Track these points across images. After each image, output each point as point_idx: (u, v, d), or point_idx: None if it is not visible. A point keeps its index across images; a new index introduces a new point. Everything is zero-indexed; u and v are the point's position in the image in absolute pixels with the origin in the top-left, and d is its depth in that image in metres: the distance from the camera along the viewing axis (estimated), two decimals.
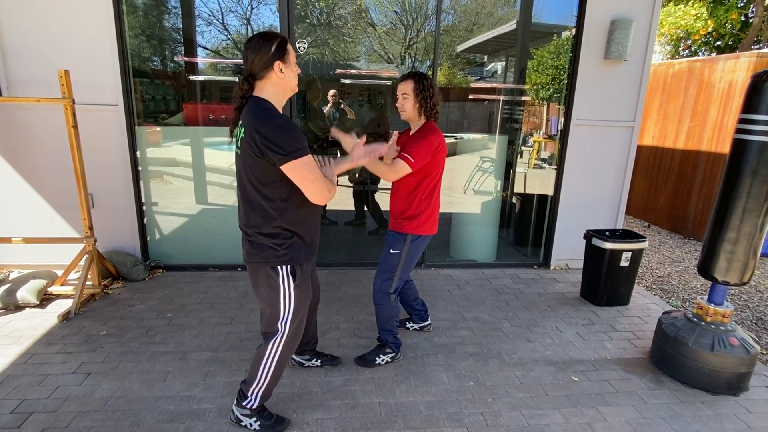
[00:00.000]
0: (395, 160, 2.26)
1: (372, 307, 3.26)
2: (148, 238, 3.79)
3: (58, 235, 3.55)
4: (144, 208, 3.70)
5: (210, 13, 3.95)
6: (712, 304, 2.49)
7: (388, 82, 4.42)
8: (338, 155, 4.80)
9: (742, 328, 2.57)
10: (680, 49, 11.39)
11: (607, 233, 3.43)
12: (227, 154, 4.03)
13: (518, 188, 4.69)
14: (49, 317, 2.95)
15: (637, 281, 3.67)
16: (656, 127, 6.24)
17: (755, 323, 3.50)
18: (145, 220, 3.73)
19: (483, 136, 4.77)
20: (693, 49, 11.14)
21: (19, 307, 3.07)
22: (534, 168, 5.44)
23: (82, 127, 3.13)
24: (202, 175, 3.93)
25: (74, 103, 3.00)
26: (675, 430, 2.15)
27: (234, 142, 1.78)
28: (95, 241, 3.26)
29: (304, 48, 3.82)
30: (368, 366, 2.54)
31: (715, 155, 5.27)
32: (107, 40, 3.26)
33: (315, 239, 1.92)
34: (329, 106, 4.50)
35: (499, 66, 5.55)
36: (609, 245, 3.27)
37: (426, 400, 2.29)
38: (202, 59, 4.03)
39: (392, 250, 2.44)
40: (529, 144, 5.73)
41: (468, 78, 5.52)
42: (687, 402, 2.36)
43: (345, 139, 2.08)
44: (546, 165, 5.25)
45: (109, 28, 3.24)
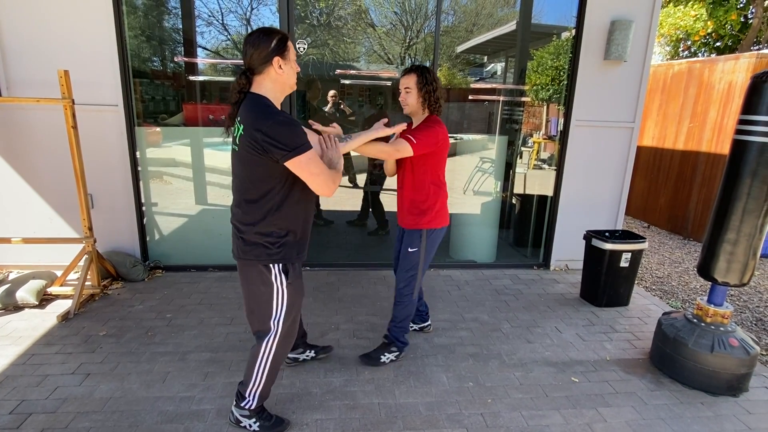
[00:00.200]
0: (398, 139, 2.24)
1: (372, 308, 3.27)
2: (148, 239, 3.79)
3: (57, 235, 3.55)
4: (143, 208, 3.69)
5: (210, 13, 3.95)
6: (712, 305, 2.49)
7: (388, 83, 4.42)
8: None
9: (741, 329, 2.56)
10: (680, 49, 11.41)
11: (607, 234, 3.43)
12: (227, 155, 4.00)
13: (518, 189, 4.69)
14: (49, 318, 2.95)
15: (636, 282, 3.66)
16: (656, 127, 6.25)
17: (755, 324, 3.50)
18: (145, 220, 3.73)
19: (483, 136, 4.77)
20: (692, 49, 11.16)
21: (18, 308, 3.07)
22: (534, 169, 5.45)
23: (81, 128, 3.13)
24: (201, 176, 3.93)
25: (74, 103, 3.00)
26: (675, 430, 2.15)
27: (231, 137, 1.76)
28: (95, 241, 3.26)
29: (304, 49, 3.82)
30: (373, 364, 2.54)
31: (715, 156, 5.28)
32: (107, 40, 3.26)
33: (307, 238, 1.92)
34: (329, 106, 4.50)
35: (498, 67, 5.55)
36: (609, 246, 3.27)
37: (426, 401, 2.29)
38: (202, 60, 4.03)
39: (410, 249, 2.42)
40: (529, 145, 5.73)
41: (468, 79, 5.53)
42: (687, 403, 2.36)
43: (325, 129, 2.02)
44: (546, 166, 5.25)
45: (109, 29, 3.24)
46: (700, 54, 11.13)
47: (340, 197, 5.05)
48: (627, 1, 3.59)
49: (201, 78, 3.97)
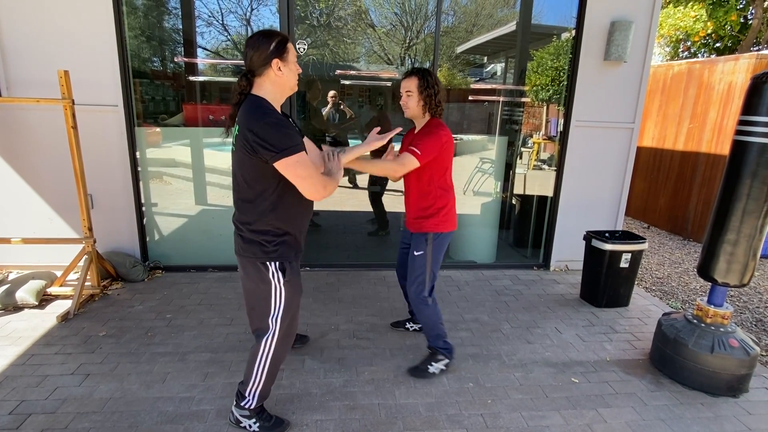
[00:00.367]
0: (402, 153, 2.22)
1: (372, 308, 3.27)
2: (148, 239, 3.78)
3: (57, 235, 3.54)
4: (143, 208, 3.69)
5: (210, 14, 3.96)
6: (712, 306, 2.49)
7: (388, 83, 4.43)
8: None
9: (741, 329, 2.56)
10: (680, 50, 11.42)
11: (607, 234, 3.43)
12: (226, 155, 4.00)
13: (518, 189, 4.69)
14: (48, 318, 2.95)
15: (636, 283, 3.67)
16: (656, 128, 6.25)
17: (755, 325, 3.50)
18: (145, 220, 3.73)
19: (482, 137, 4.77)
20: (692, 50, 11.17)
21: (18, 308, 3.07)
22: (533, 169, 5.45)
23: (81, 128, 3.13)
24: (201, 176, 3.93)
25: (74, 103, 3.00)
26: (675, 431, 2.15)
27: (230, 138, 1.80)
28: (94, 241, 3.26)
29: (304, 49, 3.82)
30: (423, 377, 2.45)
31: (715, 157, 5.28)
32: (107, 40, 3.26)
33: (304, 238, 1.94)
34: (329, 107, 4.50)
35: (498, 67, 5.55)
36: (609, 246, 3.27)
37: (426, 401, 2.29)
38: (202, 60, 4.03)
39: (416, 252, 2.39)
40: (529, 145, 5.73)
41: (468, 79, 5.53)
42: (687, 404, 2.36)
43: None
44: (545, 166, 5.25)
45: (109, 29, 3.24)
46: (699, 55, 11.13)
47: (340, 197, 5.05)
48: (627, 2, 3.60)
49: (201, 78, 3.97)
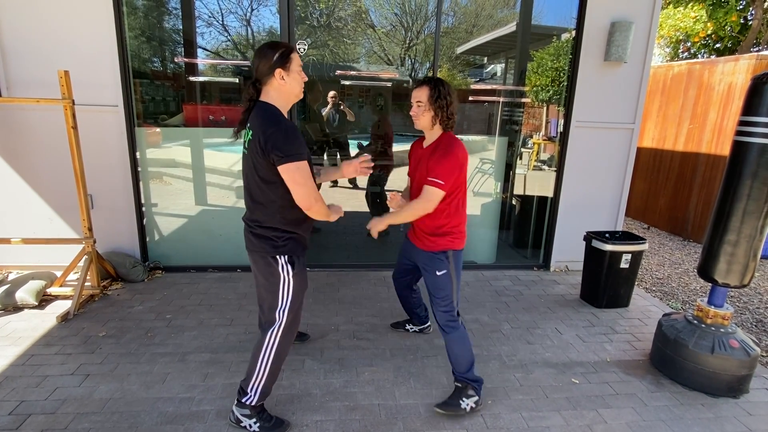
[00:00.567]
0: (424, 187, 2.10)
1: (372, 309, 3.26)
2: (148, 239, 3.78)
3: (57, 235, 3.54)
4: (143, 209, 3.69)
5: (210, 14, 3.96)
6: (712, 307, 2.49)
7: (389, 84, 4.43)
8: (338, 157, 4.83)
9: (742, 330, 2.56)
10: (680, 51, 11.42)
11: (607, 235, 3.43)
12: (227, 156, 4.03)
13: (518, 190, 4.68)
14: (48, 318, 2.95)
15: (636, 283, 3.66)
16: (656, 129, 6.25)
17: (755, 325, 3.50)
18: (145, 221, 3.73)
19: (483, 137, 4.77)
20: (692, 51, 11.17)
21: (17, 308, 3.06)
22: (533, 170, 5.45)
23: (81, 128, 3.13)
24: (201, 176, 3.93)
25: (74, 103, 3.00)
26: None
27: (242, 142, 1.91)
28: (94, 242, 3.25)
29: (304, 50, 3.82)
30: (455, 413, 2.19)
31: (715, 157, 5.28)
32: (107, 40, 3.26)
33: (308, 237, 2.05)
34: (329, 107, 4.50)
35: (498, 68, 5.55)
36: (609, 247, 3.27)
37: (426, 402, 2.28)
38: (202, 60, 4.03)
39: (438, 272, 2.22)
40: (529, 146, 5.74)
41: (468, 80, 5.53)
42: (687, 404, 2.35)
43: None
44: (545, 167, 5.26)
45: (110, 29, 3.24)
46: (699, 55, 11.14)
47: (340, 198, 5.05)
48: (627, 3, 3.60)
49: (201, 79, 3.97)
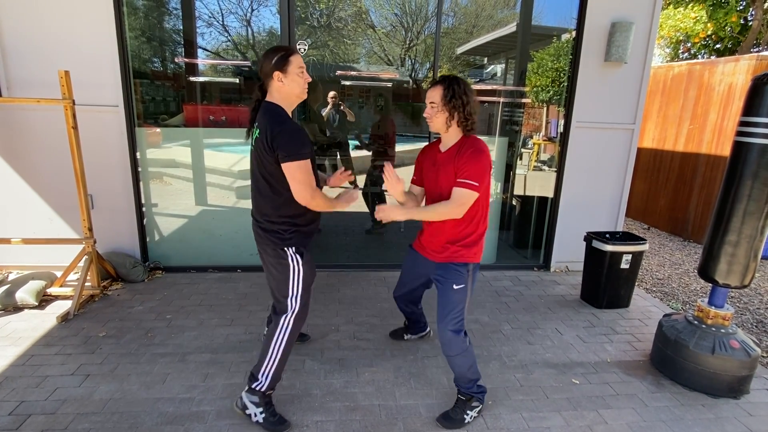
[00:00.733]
0: (455, 189, 1.97)
1: (372, 309, 3.26)
2: (148, 240, 3.78)
3: (57, 236, 3.54)
4: (144, 209, 3.69)
5: (210, 14, 3.96)
6: (713, 307, 2.49)
7: (389, 84, 4.42)
8: (337, 157, 4.83)
9: (742, 331, 2.56)
10: (680, 51, 11.43)
11: (608, 235, 3.43)
12: (227, 156, 4.03)
13: (518, 190, 4.69)
14: (48, 318, 2.94)
15: (637, 284, 3.66)
16: (656, 129, 6.25)
17: (756, 326, 3.50)
18: (145, 221, 3.72)
19: (483, 138, 4.76)
20: (692, 51, 11.17)
21: (18, 308, 3.06)
22: (534, 170, 5.45)
23: (82, 128, 3.13)
24: (201, 177, 3.93)
25: (74, 103, 3.00)
26: None
27: (249, 141, 2.00)
28: (95, 242, 3.25)
29: (305, 50, 3.82)
30: (457, 427, 2.11)
31: (715, 158, 5.28)
32: (108, 40, 3.26)
33: (314, 230, 2.12)
34: (329, 107, 4.50)
35: (499, 68, 5.56)
36: (609, 247, 3.27)
37: (426, 402, 2.28)
38: (203, 60, 4.03)
39: (456, 286, 2.08)
40: (529, 146, 5.74)
41: (468, 80, 5.53)
42: (688, 405, 2.35)
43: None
44: (546, 167, 5.26)
45: (110, 29, 3.24)
46: (700, 56, 11.15)
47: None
48: (627, 3, 3.60)
49: (201, 79, 3.97)
